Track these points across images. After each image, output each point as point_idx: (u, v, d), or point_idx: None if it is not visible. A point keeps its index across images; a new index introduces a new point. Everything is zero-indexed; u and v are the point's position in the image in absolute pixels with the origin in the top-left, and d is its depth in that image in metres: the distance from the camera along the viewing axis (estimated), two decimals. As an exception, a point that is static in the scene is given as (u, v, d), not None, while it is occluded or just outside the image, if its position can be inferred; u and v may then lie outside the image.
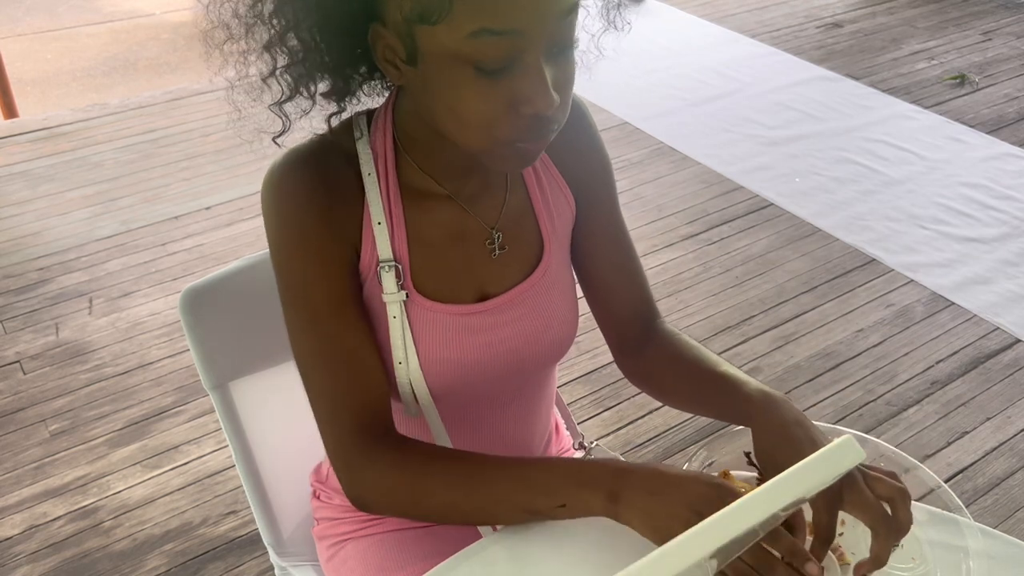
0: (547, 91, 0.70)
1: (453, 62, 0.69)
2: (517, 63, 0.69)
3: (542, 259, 0.92)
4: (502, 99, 0.71)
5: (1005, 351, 2.31)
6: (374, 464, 0.83)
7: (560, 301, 0.94)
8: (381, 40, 0.74)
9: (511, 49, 0.68)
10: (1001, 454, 2.01)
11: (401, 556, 1.01)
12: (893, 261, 2.66)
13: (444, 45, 0.69)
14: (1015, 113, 3.54)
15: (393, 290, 0.85)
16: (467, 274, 0.89)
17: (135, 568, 1.75)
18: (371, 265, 0.85)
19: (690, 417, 2.09)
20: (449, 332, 0.88)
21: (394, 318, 0.85)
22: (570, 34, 0.72)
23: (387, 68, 0.76)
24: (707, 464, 0.90)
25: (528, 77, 0.70)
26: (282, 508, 1.15)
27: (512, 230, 0.91)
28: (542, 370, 0.99)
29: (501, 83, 0.70)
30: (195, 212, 2.86)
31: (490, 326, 0.90)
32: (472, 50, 0.68)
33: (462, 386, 0.91)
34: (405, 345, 0.86)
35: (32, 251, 2.67)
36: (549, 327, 0.93)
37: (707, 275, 2.59)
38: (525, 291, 0.91)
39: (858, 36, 4.26)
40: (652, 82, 3.73)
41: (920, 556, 0.83)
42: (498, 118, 0.72)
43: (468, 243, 0.89)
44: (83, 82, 4.12)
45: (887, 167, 3.17)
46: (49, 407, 2.12)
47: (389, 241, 0.84)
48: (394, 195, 0.85)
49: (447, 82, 0.71)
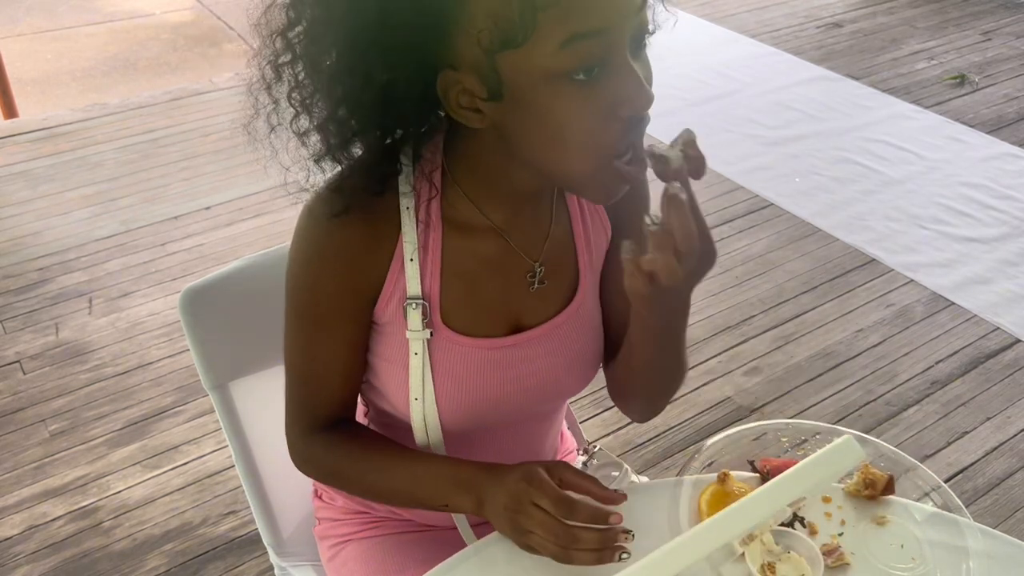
0: (643, 86, 0.68)
1: (546, 80, 0.66)
2: (608, 66, 0.67)
3: (577, 292, 0.90)
4: (602, 107, 0.67)
5: (1005, 351, 2.31)
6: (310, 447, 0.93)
7: (591, 335, 0.92)
8: (455, 86, 0.70)
9: (602, 51, 0.66)
10: (1001, 454, 2.01)
11: (402, 558, 1.01)
12: (893, 261, 2.66)
13: (534, 64, 0.65)
14: (1015, 113, 3.54)
15: (418, 328, 0.83)
16: (503, 307, 0.87)
17: (135, 568, 1.75)
18: (394, 300, 0.83)
19: (690, 417, 2.09)
20: (475, 366, 0.87)
21: (415, 355, 0.84)
22: (646, 27, 0.70)
23: (466, 115, 0.71)
24: (707, 464, 0.90)
25: (623, 77, 0.67)
26: (282, 508, 1.15)
27: (552, 263, 0.88)
28: (561, 401, 0.99)
29: (597, 90, 0.67)
30: (195, 212, 2.86)
31: (520, 360, 0.89)
32: (566, 61, 0.65)
33: (477, 418, 0.90)
34: (423, 383, 0.85)
35: (32, 251, 2.67)
36: (578, 361, 0.92)
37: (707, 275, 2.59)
38: (559, 325, 0.89)
39: (858, 36, 4.26)
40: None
41: (920, 556, 0.83)
42: (599, 128, 0.68)
43: (507, 276, 0.87)
44: (83, 82, 4.12)
45: (887, 167, 3.17)
46: (49, 407, 2.12)
47: (419, 277, 0.82)
48: (435, 226, 0.82)
49: (544, 104, 0.67)
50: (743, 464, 0.90)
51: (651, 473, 1.95)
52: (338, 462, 0.92)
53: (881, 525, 0.86)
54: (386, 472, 0.89)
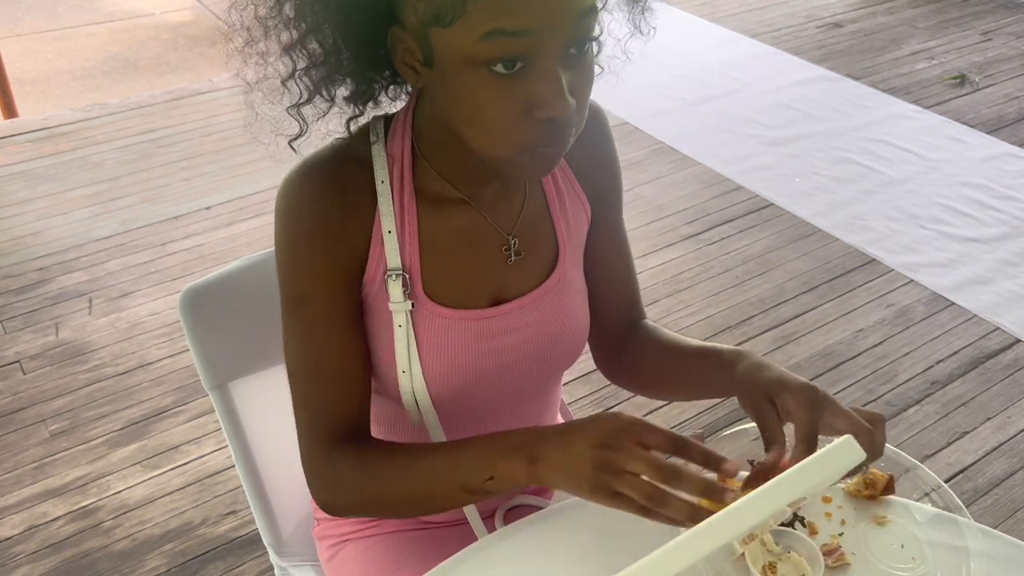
0: (562, 95, 0.69)
1: (468, 64, 0.69)
2: (532, 66, 0.69)
3: (557, 265, 0.92)
4: (518, 102, 0.70)
5: (1005, 351, 2.31)
6: (335, 468, 0.85)
7: (573, 307, 0.94)
8: (400, 43, 0.74)
9: (525, 50, 0.67)
10: (1001, 454, 2.01)
11: (401, 557, 1.01)
12: (893, 261, 2.66)
13: (458, 47, 0.68)
14: (1015, 113, 3.54)
15: (399, 299, 0.84)
16: (482, 279, 0.89)
17: (135, 568, 1.75)
18: (378, 274, 0.84)
19: (690, 417, 2.09)
20: (460, 338, 0.88)
21: (399, 327, 0.85)
22: (586, 37, 0.70)
23: (406, 71, 0.76)
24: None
25: (543, 80, 0.69)
26: (282, 508, 1.15)
27: (528, 236, 0.90)
28: (551, 377, 0.99)
29: (516, 86, 0.69)
30: (195, 212, 2.86)
31: (503, 331, 0.90)
32: (485, 52, 0.67)
33: (467, 393, 0.91)
34: (409, 355, 0.86)
35: (32, 251, 2.67)
36: (563, 333, 0.93)
37: (707, 275, 2.59)
38: (539, 297, 0.91)
39: (858, 36, 4.26)
40: (652, 82, 3.73)
41: (920, 556, 0.83)
42: (514, 122, 0.71)
43: (484, 248, 0.88)
44: (83, 82, 4.12)
45: (887, 167, 3.17)
46: (49, 407, 2.12)
47: (398, 250, 0.84)
48: (408, 201, 0.84)
49: (463, 86, 0.70)
50: (743, 465, 0.90)
51: (651, 473, 1.95)
52: (372, 471, 0.84)
53: (881, 525, 0.86)
54: (424, 462, 0.82)
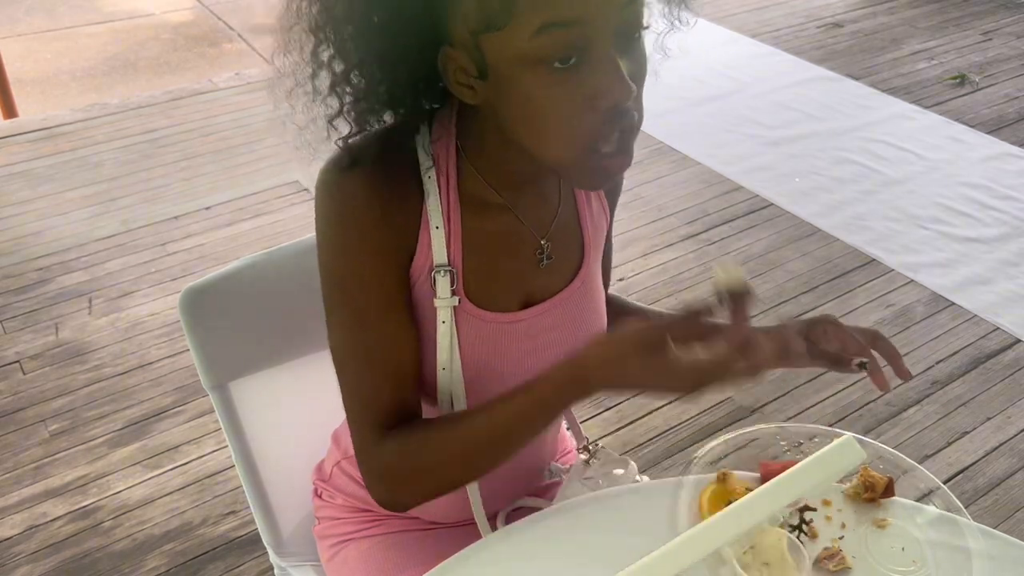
0: (622, 78, 0.68)
1: (524, 65, 0.68)
2: (587, 56, 0.68)
3: (582, 266, 0.93)
4: (579, 96, 0.69)
5: (1005, 351, 2.31)
6: (387, 454, 0.83)
7: (598, 307, 0.95)
8: (452, 63, 0.73)
9: (578, 40, 0.67)
10: (1001, 454, 2.01)
11: (402, 558, 1.02)
12: (893, 261, 2.66)
13: (513, 49, 0.67)
14: (1015, 113, 3.54)
15: (446, 295, 0.83)
16: (515, 283, 0.89)
17: (135, 568, 1.75)
18: (424, 268, 0.83)
19: (690, 417, 2.09)
20: (493, 339, 0.88)
21: (443, 323, 0.84)
22: (638, 21, 0.70)
23: (461, 91, 0.75)
24: (710, 463, 0.90)
25: (601, 67, 0.68)
26: (282, 508, 1.15)
27: (559, 240, 0.91)
28: None
29: (575, 79, 0.68)
30: (195, 212, 2.86)
31: (531, 333, 0.90)
32: (540, 47, 0.66)
33: (494, 393, 0.89)
34: (452, 353, 0.86)
35: (32, 251, 2.67)
36: (585, 335, 0.93)
37: (707, 275, 2.59)
38: (567, 298, 0.92)
39: (858, 36, 4.26)
40: (652, 82, 3.71)
41: (921, 558, 0.83)
42: (577, 118, 0.70)
43: (519, 253, 0.88)
44: (83, 82, 4.12)
45: (887, 167, 3.17)
46: (49, 407, 2.12)
47: (446, 246, 0.83)
48: (454, 201, 0.83)
49: (522, 89, 0.69)
50: (743, 464, 0.90)
51: (651, 473, 1.95)
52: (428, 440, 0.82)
53: (882, 528, 0.86)
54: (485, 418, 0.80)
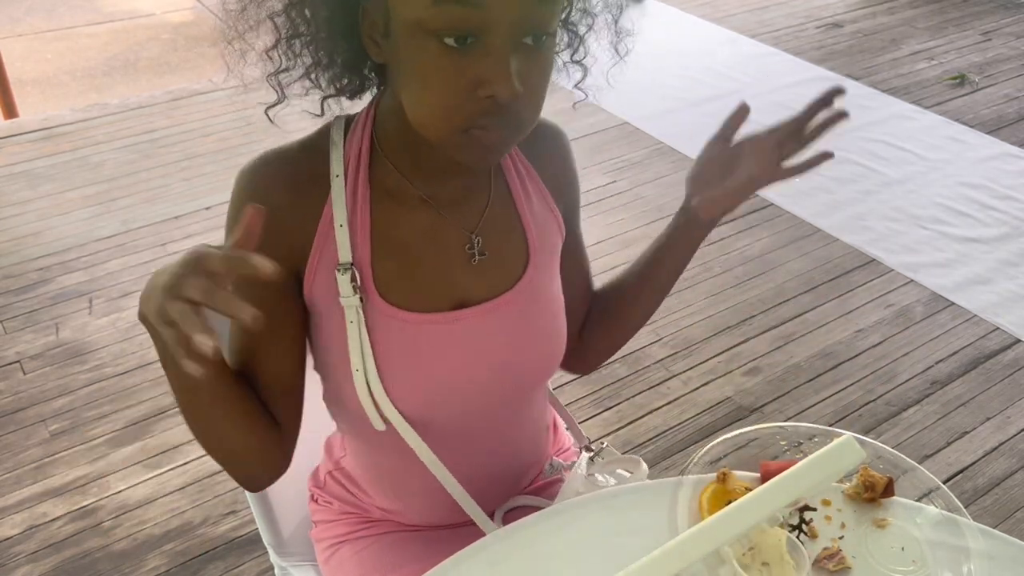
0: (507, 74, 0.68)
1: (420, 32, 0.69)
2: (482, 43, 0.68)
3: (527, 268, 0.90)
4: (464, 79, 0.69)
5: (1005, 351, 2.31)
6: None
7: (547, 315, 0.92)
8: (367, 17, 0.75)
9: (474, 22, 0.67)
10: (1001, 454, 2.01)
11: (397, 557, 1.01)
12: (893, 261, 2.66)
13: (412, 13, 0.68)
14: (1015, 113, 3.54)
15: (348, 294, 0.82)
16: (442, 281, 0.86)
17: (135, 568, 1.75)
18: (321, 270, 0.83)
19: (690, 417, 2.09)
20: (417, 341, 0.85)
21: (351, 323, 0.83)
22: (542, 22, 0.69)
23: (369, 45, 0.76)
24: (710, 463, 0.90)
25: (490, 58, 0.68)
26: (282, 508, 1.15)
27: (495, 238, 0.88)
28: (529, 390, 0.96)
29: (465, 63, 0.68)
30: (195, 212, 2.86)
31: (469, 338, 0.87)
32: (434, 17, 0.67)
33: (441, 405, 0.88)
34: (363, 352, 0.84)
35: (32, 251, 2.67)
36: (535, 341, 0.91)
37: (707, 275, 2.59)
38: (509, 301, 0.89)
39: (858, 36, 4.26)
40: (652, 82, 3.72)
41: (921, 558, 0.83)
42: (457, 100, 0.70)
43: (443, 248, 0.86)
44: (83, 82, 4.12)
45: (887, 167, 3.17)
46: (49, 407, 2.12)
47: (348, 244, 0.82)
48: (362, 194, 0.83)
49: (413, 55, 0.70)
50: (743, 465, 0.90)
51: (651, 473, 1.93)
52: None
53: (881, 528, 0.86)
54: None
